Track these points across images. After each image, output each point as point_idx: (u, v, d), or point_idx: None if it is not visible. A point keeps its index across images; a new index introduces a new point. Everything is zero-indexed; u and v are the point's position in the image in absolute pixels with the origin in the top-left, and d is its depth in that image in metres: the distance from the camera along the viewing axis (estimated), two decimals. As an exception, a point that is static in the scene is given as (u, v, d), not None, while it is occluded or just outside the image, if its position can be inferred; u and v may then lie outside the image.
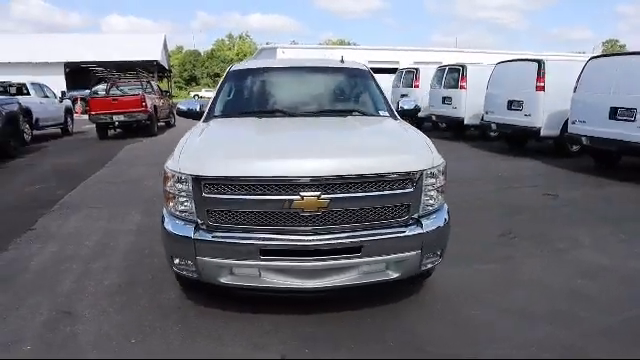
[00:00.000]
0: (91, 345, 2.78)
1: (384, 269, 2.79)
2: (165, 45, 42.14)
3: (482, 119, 10.50)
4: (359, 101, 4.18)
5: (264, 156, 2.73)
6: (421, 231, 2.74)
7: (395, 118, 3.88)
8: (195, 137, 3.20)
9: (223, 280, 2.75)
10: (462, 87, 11.58)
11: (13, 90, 13.55)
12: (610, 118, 7.04)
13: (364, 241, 2.65)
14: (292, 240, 2.62)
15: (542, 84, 8.77)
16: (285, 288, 2.73)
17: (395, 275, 2.79)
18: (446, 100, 12.18)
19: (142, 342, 2.80)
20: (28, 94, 13.36)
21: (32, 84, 13.82)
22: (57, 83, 25.01)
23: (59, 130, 15.02)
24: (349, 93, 4.30)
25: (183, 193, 2.74)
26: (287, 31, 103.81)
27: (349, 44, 67.68)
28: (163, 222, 2.87)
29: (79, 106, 23.04)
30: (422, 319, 3.01)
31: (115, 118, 13.62)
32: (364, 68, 4.45)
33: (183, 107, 4.20)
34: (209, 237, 2.69)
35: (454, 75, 11.97)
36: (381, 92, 4.18)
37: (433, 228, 2.80)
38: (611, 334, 2.83)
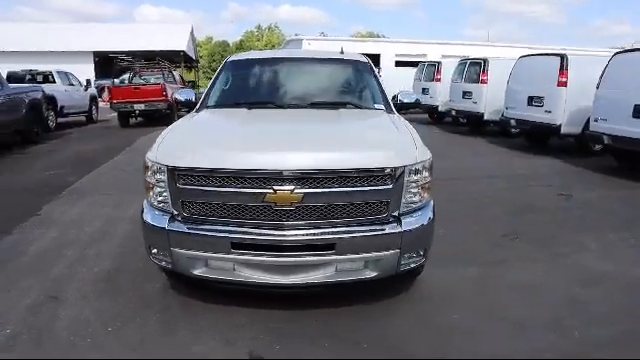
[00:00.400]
0: (67, 331, 2.81)
1: (362, 267, 2.71)
2: (192, 35, 42.55)
3: (502, 115, 10.18)
4: (354, 94, 4.09)
5: (238, 148, 2.69)
6: (399, 229, 2.65)
7: (390, 112, 3.77)
8: (178, 127, 3.20)
9: (196, 272, 2.74)
10: (483, 81, 11.25)
11: (40, 78, 13.97)
12: (634, 116, 6.68)
13: (338, 238, 2.58)
14: (264, 234, 2.58)
15: (564, 79, 8.41)
16: (259, 283, 2.70)
17: (373, 274, 2.71)
18: (466, 94, 11.88)
19: (118, 330, 2.82)
20: (54, 82, 13.74)
21: (58, 72, 14.20)
22: (87, 72, 25.71)
23: (84, 118, 15.42)
24: (345, 85, 4.21)
25: (160, 184, 2.74)
26: (317, 23, 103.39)
27: (378, 36, 66.93)
28: (142, 212, 2.88)
29: (106, 95, 23.57)
30: (399, 320, 2.93)
31: (136, 107, 13.88)
32: (364, 60, 4.35)
33: (180, 97, 4.21)
34: (182, 228, 2.68)
35: (475, 69, 11.64)
36: (379, 85, 4.08)
37: (414, 227, 2.71)
38: (601, 347, 2.68)
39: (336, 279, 2.71)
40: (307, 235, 2.57)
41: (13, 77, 13.56)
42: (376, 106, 3.82)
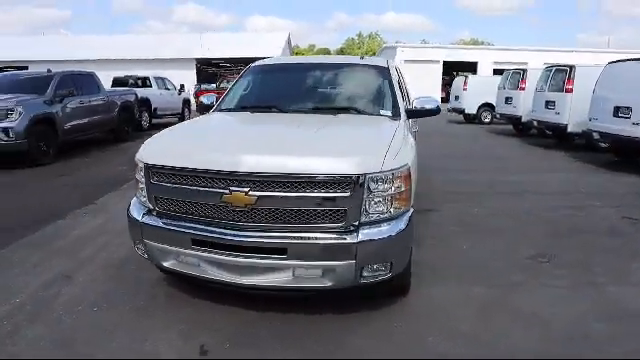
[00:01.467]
0: (62, 307, 3.15)
1: (320, 275, 2.65)
2: (289, 43, 44.28)
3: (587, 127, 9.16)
4: (361, 99, 3.98)
5: (201, 149, 2.80)
6: (354, 240, 2.54)
7: (396, 119, 3.61)
8: (170, 129, 3.40)
9: (166, 264, 2.89)
10: (568, 90, 10.21)
11: (140, 82, 15.57)
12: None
13: (289, 243, 2.55)
14: (221, 234, 2.64)
15: (657, 88, 7.36)
16: (219, 281, 2.77)
17: (328, 284, 2.64)
18: (549, 104, 10.86)
19: (101, 311, 3.09)
20: (150, 86, 15.23)
21: (155, 77, 15.71)
22: (189, 77, 28.12)
23: (177, 119, 16.85)
24: (354, 91, 4.13)
25: (142, 180, 2.94)
26: (421, 30, 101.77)
27: (482, 44, 64.04)
28: (129, 207, 3.10)
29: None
30: (364, 334, 2.81)
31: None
32: (381, 65, 4.23)
33: (205, 101, 4.45)
34: (153, 222, 2.85)
35: (560, 76, 10.60)
36: (392, 91, 3.93)
37: (373, 238, 2.58)
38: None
39: (293, 285, 2.68)
40: (259, 238, 2.58)
41: (117, 81, 15.32)
42: (382, 112, 3.69)
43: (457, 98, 18.36)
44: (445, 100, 23.81)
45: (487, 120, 17.48)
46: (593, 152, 9.85)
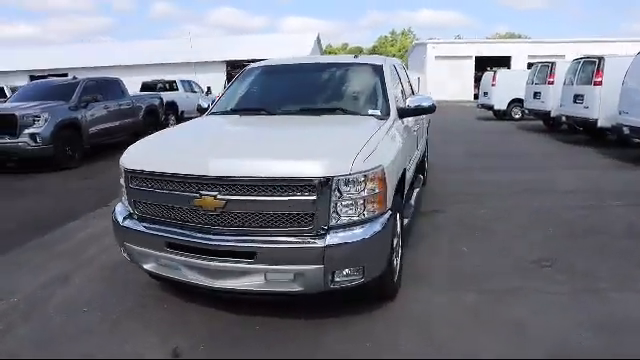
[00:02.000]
0: (53, 307, 3.28)
1: (292, 280, 2.63)
2: (318, 43, 44.36)
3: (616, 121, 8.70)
4: (350, 99, 3.93)
5: (175, 154, 2.84)
6: (322, 244, 2.50)
7: (383, 118, 3.53)
8: (160, 133, 3.46)
9: (146, 267, 2.95)
10: (597, 83, 9.71)
11: (167, 86, 16.00)
12: None
13: (257, 247, 2.55)
14: (192, 237, 2.67)
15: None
16: (196, 284, 2.79)
17: (299, 288, 2.61)
18: (578, 98, 10.38)
19: (89, 312, 3.20)
20: (177, 89, 15.62)
21: (181, 81, 16.13)
22: (219, 80, 28.62)
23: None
24: (343, 91, 4.08)
25: (123, 184, 3.01)
26: (457, 25, 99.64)
27: (519, 37, 62.08)
28: (113, 211, 3.18)
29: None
30: (340, 337, 2.78)
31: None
32: (374, 64, 4.14)
33: (203, 104, 4.52)
34: (131, 225, 2.92)
35: (590, 69, 10.11)
36: (384, 90, 3.85)
37: (343, 242, 2.53)
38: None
39: (267, 288, 2.67)
40: (228, 242, 2.59)
41: (146, 85, 15.80)
42: (370, 112, 3.62)
43: (486, 94, 17.85)
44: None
45: (518, 116, 16.90)
46: (626, 148, 9.34)
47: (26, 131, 8.00)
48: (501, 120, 17.20)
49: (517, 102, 16.38)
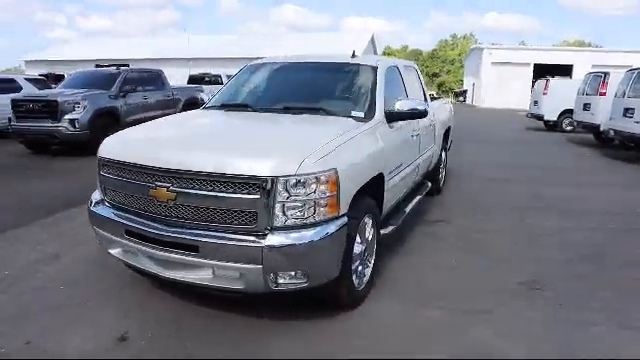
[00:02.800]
0: (37, 281, 3.52)
1: (237, 277, 2.64)
2: (373, 43, 44.08)
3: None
4: (334, 99, 3.86)
5: (137, 144, 2.93)
6: (261, 244, 2.49)
7: (363, 121, 3.43)
8: (142, 125, 3.58)
9: (111, 252, 3.07)
10: (649, 97, 8.97)
11: (213, 80, 16.53)
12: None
13: (200, 241, 2.58)
14: (145, 225, 2.75)
15: None
16: (152, 273, 2.87)
17: (241, 287, 2.62)
18: (628, 112, 9.62)
19: (65, 289, 3.40)
20: (222, 83, 16.09)
21: (226, 75, 16.57)
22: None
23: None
24: (329, 91, 4.01)
25: (97, 170, 3.15)
26: (525, 30, 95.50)
27: (589, 45, 58.65)
28: (90, 196, 3.33)
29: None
30: (281, 342, 2.75)
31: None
32: (368, 65, 4.03)
33: (205, 98, 4.63)
34: (98, 211, 3.05)
35: (643, 81, 9.36)
36: (373, 92, 3.76)
37: (283, 244, 2.50)
38: None
39: (214, 284, 2.70)
40: (175, 233, 2.65)
41: (193, 78, 16.39)
42: (353, 113, 3.53)
43: (536, 103, 16.98)
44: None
45: (569, 128, 15.93)
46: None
47: (66, 116, 8.56)
48: (552, 132, 16.29)
49: (569, 113, 15.44)
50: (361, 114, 3.55)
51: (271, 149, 2.72)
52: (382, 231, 3.58)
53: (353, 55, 4.29)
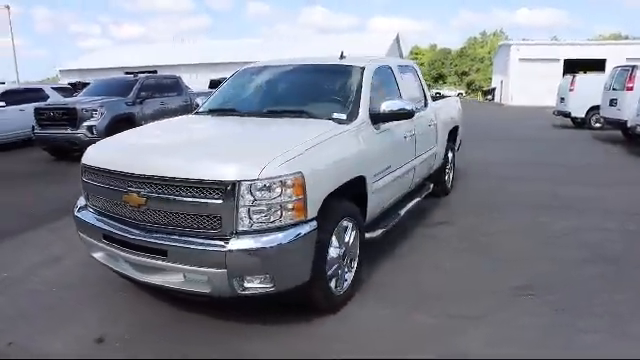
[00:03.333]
0: (34, 284, 3.67)
1: (205, 281, 2.65)
2: (398, 43, 43.63)
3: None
4: (316, 102, 3.82)
5: (114, 151, 3.01)
6: (224, 249, 2.49)
7: (344, 123, 3.39)
8: (128, 131, 3.67)
9: (94, 255, 3.15)
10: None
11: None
12: None
13: (168, 245, 2.62)
14: (120, 230, 2.81)
15: None
16: (133, 278, 2.92)
17: (206, 290, 2.63)
18: (655, 108, 9.17)
19: (57, 292, 3.51)
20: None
21: (245, 80, 16.79)
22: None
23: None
24: (312, 93, 4.00)
25: (80, 177, 3.25)
26: (557, 25, 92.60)
27: (626, 38, 56.29)
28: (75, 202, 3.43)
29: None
30: (257, 346, 2.75)
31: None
32: (354, 65, 3.97)
33: (200, 103, 4.69)
34: (81, 216, 3.14)
35: (671, 74, 8.88)
36: (358, 94, 3.70)
37: (246, 248, 2.50)
38: None
39: (185, 288, 2.72)
40: (144, 237, 2.70)
41: (213, 83, 16.65)
42: (335, 115, 3.48)
43: (563, 100, 16.38)
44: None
45: (597, 125, 15.28)
46: None
47: (85, 123, 8.87)
48: (579, 129, 15.69)
49: (597, 110, 14.81)
50: (343, 116, 3.51)
51: (238, 153, 2.74)
52: (368, 234, 3.52)
53: (341, 56, 4.25)
